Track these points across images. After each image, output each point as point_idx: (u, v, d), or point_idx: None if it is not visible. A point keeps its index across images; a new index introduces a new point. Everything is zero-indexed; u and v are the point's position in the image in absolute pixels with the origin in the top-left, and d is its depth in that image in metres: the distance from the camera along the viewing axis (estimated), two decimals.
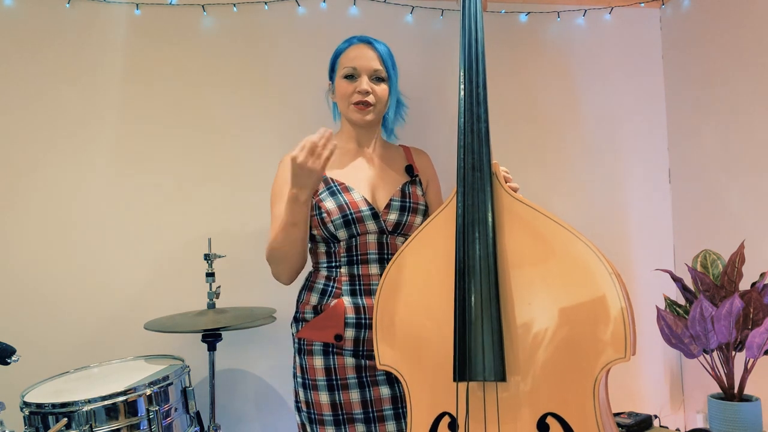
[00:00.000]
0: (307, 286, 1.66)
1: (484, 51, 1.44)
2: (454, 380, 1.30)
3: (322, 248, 1.65)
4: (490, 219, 1.32)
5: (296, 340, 1.64)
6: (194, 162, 2.09)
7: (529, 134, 2.31)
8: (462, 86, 1.43)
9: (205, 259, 1.84)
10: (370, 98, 1.65)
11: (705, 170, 2.24)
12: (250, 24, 2.13)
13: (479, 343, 1.28)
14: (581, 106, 2.35)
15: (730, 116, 2.11)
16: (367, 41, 1.70)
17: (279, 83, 2.14)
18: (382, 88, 1.68)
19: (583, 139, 2.35)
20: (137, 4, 2.04)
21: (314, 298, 1.63)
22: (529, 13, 2.31)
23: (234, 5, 2.11)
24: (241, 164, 2.11)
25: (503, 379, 1.27)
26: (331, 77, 1.75)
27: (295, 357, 1.65)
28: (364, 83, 1.64)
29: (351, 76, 1.66)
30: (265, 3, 2.13)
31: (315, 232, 1.64)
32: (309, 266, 1.69)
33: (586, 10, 2.34)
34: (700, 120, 2.25)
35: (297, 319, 1.66)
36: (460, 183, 1.37)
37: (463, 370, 1.29)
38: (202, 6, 2.09)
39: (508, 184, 1.38)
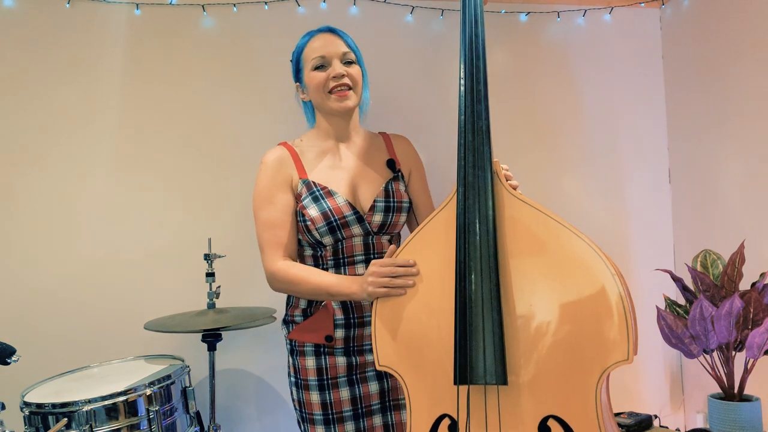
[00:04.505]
0: None
1: (485, 47, 1.39)
2: (455, 383, 1.27)
3: (308, 252, 1.65)
4: (491, 218, 1.29)
5: (288, 341, 1.65)
6: (194, 162, 2.08)
7: (529, 134, 2.31)
8: (462, 82, 1.37)
9: (205, 259, 1.84)
10: (347, 80, 1.59)
11: (705, 170, 2.24)
12: (250, 24, 2.12)
13: (480, 345, 1.26)
14: (581, 107, 2.35)
15: (730, 116, 2.11)
16: (328, 29, 1.65)
17: (279, 83, 2.13)
18: (355, 70, 1.62)
19: (583, 140, 2.35)
20: (137, 4, 2.04)
21: (303, 302, 1.63)
22: (529, 13, 2.31)
23: (234, 5, 2.11)
24: (241, 164, 2.10)
25: (504, 382, 1.25)
26: (298, 77, 1.68)
27: (288, 357, 1.66)
28: (338, 67, 1.58)
29: (321, 66, 1.60)
30: (265, 3, 2.13)
31: (300, 237, 1.63)
32: None
33: (586, 10, 2.34)
34: (700, 120, 2.24)
35: (287, 322, 1.67)
36: (461, 182, 1.33)
37: (464, 374, 1.26)
38: (202, 6, 2.09)
39: (508, 182, 1.35)
